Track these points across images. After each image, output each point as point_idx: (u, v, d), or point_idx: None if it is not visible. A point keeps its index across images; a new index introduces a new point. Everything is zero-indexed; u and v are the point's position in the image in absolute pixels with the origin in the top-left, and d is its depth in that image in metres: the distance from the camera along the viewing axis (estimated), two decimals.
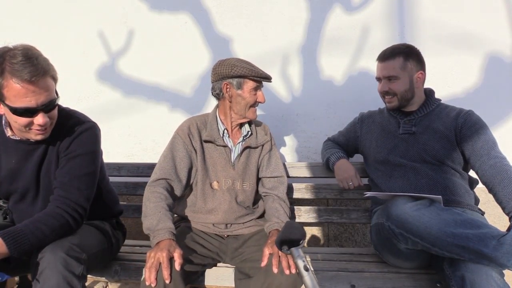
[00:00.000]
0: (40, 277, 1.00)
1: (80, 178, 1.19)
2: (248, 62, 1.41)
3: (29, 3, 2.30)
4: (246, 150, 1.48)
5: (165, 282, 1.07)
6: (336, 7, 2.05)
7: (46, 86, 1.05)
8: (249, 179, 1.47)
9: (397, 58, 1.44)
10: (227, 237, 1.43)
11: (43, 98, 1.05)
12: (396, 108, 1.48)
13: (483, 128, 1.36)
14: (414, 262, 1.31)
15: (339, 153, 1.63)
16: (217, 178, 1.44)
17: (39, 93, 1.03)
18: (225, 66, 1.39)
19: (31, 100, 1.02)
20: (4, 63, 1.00)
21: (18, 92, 1.01)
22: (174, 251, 1.11)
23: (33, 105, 1.03)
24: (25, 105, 1.02)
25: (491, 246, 1.02)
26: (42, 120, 1.07)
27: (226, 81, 1.40)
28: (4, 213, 1.32)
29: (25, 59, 1.00)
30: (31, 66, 1.00)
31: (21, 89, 1.00)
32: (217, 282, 1.31)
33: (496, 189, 1.25)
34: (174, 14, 2.18)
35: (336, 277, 1.30)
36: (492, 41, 1.95)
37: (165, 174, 1.37)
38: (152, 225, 1.21)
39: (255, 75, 1.37)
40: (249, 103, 1.42)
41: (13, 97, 1.01)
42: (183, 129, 1.45)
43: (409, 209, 1.14)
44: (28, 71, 0.99)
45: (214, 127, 1.45)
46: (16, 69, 0.99)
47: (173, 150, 1.41)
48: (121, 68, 2.23)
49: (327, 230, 2.12)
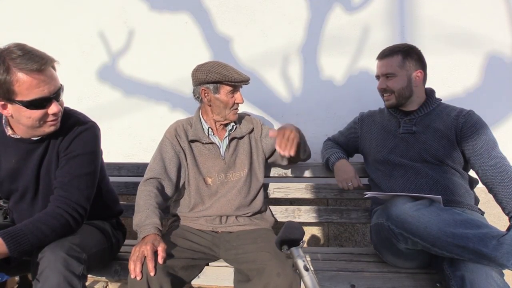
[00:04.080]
0: (40, 277, 1.00)
1: (80, 178, 1.19)
2: (225, 66, 1.44)
3: (29, 3, 2.30)
4: (233, 142, 1.53)
5: (148, 275, 1.09)
6: (336, 7, 2.05)
7: (52, 74, 1.08)
8: (240, 168, 1.51)
9: (396, 56, 1.45)
10: (221, 233, 1.44)
11: (53, 87, 1.07)
12: (394, 106, 1.49)
13: (484, 128, 1.36)
14: (414, 262, 1.31)
15: (339, 154, 1.63)
16: (209, 174, 1.49)
17: (49, 82, 1.05)
18: (201, 72, 1.43)
19: (43, 90, 1.04)
20: (6, 61, 1.00)
21: (30, 84, 1.02)
22: (158, 245, 1.14)
23: (46, 94, 1.05)
24: (39, 96, 1.04)
25: (491, 246, 1.02)
26: (57, 108, 1.09)
27: (204, 87, 1.45)
28: (4, 213, 1.32)
29: (25, 52, 1.02)
30: (35, 57, 1.02)
31: (33, 80, 1.02)
32: (217, 282, 1.31)
33: (496, 189, 1.24)
34: (174, 14, 2.18)
35: (336, 277, 1.30)
36: (492, 41, 1.95)
37: (155, 174, 1.41)
38: (140, 221, 1.26)
39: (230, 80, 1.40)
40: (228, 106, 1.46)
41: (26, 90, 1.02)
42: (170, 131, 1.52)
43: (409, 209, 1.14)
44: (35, 62, 1.01)
45: (199, 127, 1.51)
46: (22, 62, 1.00)
47: (161, 152, 1.48)
48: (121, 68, 2.23)
49: (327, 230, 2.12)
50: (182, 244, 1.31)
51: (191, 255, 1.30)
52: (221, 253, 1.38)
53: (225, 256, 1.37)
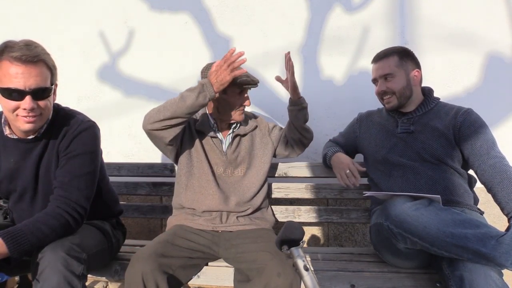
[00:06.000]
0: (41, 277, 1.00)
1: (80, 177, 1.19)
2: None
3: (29, 3, 2.30)
4: (236, 139, 1.54)
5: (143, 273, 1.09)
6: (336, 7, 2.05)
7: (39, 72, 1.06)
8: (241, 165, 1.52)
9: (392, 57, 1.45)
10: (221, 232, 1.44)
11: (32, 82, 1.05)
12: (395, 107, 1.47)
13: (483, 127, 1.35)
14: (413, 261, 1.31)
15: (335, 148, 1.64)
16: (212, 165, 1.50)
17: (29, 76, 1.04)
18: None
19: (19, 81, 1.03)
20: (5, 50, 1.03)
21: (7, 71, 1.02)
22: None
23: (20, 86, 1.03)
24: (13, 86, 1.03)
25: (490, 246, 1.02)
26: (28, 104, 1.05)
27: None
28: (4, 213, 1.32)
29: (25, 44, 1.04)
30: (26, 50, 1.03)
31: (12, 68, 1.02)
32: (217, 282, 1.31)
33: (495, 189, 1.24)
34: (174, 14, 2.18)
35: (336, 277, 1.30)
36: (492, 41, 1.95)
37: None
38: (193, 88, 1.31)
39: (240, 82, 1.39)
40: (235, 107, 1.46)
41: (4, 76, 1.03)
42: None
43: (408, 209, 1.14)
44: (20, 52, 1.02)
45: (205, 120, 1.53)
46: (13, 51, 1.02)
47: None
48: (121, 68, 2.23)
49: (327, 230, 2.12)
50: (180, 243, 1.31)
51: (189, 254, 1.30)
52: (221, 252, 1.38)
53: (225, 255, 1.37)
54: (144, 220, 2.20)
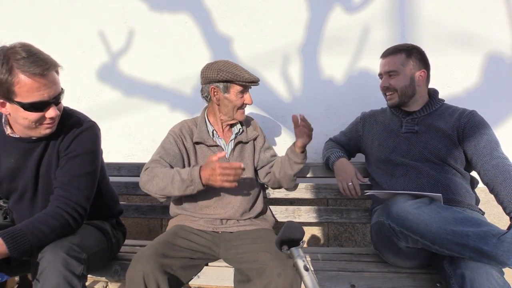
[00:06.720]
0: (40, 277, 1.00)
1: (80, 177, 1.19)
2: (235, 66, 1.44)
3: (29, 3, 2.30)
4: (239, 146, 1.53)
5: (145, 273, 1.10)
6: (336, 7, 2.05)
7: (54, 78, 1.08)
8: (245, 173, 1.50)
9: (399, 55, 1.45)
10: (221, 233, 1.44)
11: (53, 91, 1.07)
12: (396, 105, 1.48)
13: (486, 128, 1.36)
14: (414, 261, 1.31)
15: (339, 153, 1.63)
16: None
17: (50, 86, 1.06)
18: (212, 70, 1.43)
19: (43, 94, 1.05)
20: (10, 61, 1.01)
21: (31, 87, 1.02)
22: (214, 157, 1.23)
23: (45, 98, 1.05)
24: (39, 99, 1.04)
25: (491, 244, 1.02)
26: (54, 112, 1.09)
27: (213, 85, 1.44)
28: (4, 213, 1.32)
29: (30, 54, 1.02)
30: (40, 61, 1.03)
31: (34, 83, 1.02)
32: (217, 282, 1.31)
33: (498, 189, 1.24)
34: (174, 14, 2.18)
35: (336, 277, 1.30)
36: (492, 41, 1.95)
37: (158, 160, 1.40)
38: (184, 177, 1.27)
39: (241, 80, 1.40)
40: (237, 106, 1.46)
41: (26, 92, 1.02)
42: (175, 131, 1.50)
43: (409, 207, 1.14)
44: (38, 66, 1.02)
45: (203, 129, 1.51)
46: (26, 64, 1.01)
47: (165, 147, 1.46)
48: (121, 68, 2.23)
49: (327, 230, 2.12)
50: (181, 244, 1.31)
51: (190, 255, 1.30)
52: (221, 252, 1.38)
53: (225, 255, 1.37)
54: (144, 220, 2.20)
